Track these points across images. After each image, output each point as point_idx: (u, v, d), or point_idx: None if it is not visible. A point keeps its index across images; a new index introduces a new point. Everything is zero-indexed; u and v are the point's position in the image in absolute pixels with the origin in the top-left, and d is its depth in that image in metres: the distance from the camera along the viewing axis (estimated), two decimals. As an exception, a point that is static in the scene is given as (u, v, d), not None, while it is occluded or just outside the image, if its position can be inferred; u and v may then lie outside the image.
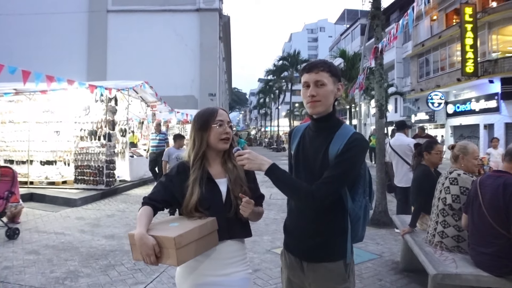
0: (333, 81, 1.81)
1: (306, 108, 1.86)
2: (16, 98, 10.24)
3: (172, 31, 23.48)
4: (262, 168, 1.76)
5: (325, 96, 1.79)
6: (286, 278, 2.02)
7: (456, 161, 3.50)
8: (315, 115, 1.85)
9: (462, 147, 3.49)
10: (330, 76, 1.79)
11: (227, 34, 33.71)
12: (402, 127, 6.69)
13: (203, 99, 23.19)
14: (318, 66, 1.80)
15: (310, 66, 1.82)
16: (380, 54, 7.21)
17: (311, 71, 1.80)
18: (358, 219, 1.83)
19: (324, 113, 1.83)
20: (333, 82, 1.81)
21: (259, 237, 5.76)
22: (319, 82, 1.78)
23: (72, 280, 4.16)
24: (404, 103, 31.15)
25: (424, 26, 27.45)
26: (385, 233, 6.25)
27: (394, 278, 4.26)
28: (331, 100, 1.82)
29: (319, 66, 1.80)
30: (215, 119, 1.92)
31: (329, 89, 1.79)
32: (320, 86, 1.79)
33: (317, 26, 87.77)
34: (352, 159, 1.73)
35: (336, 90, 1.83)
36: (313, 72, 1.79)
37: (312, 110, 1.83)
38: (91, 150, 9.59)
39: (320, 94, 1.78)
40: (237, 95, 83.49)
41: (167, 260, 1.67)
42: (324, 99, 1.79)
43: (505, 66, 19.48)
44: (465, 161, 3.44)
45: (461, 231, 3.29)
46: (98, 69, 22.67)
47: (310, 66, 1.82)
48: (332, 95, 1.82)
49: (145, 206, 1.82)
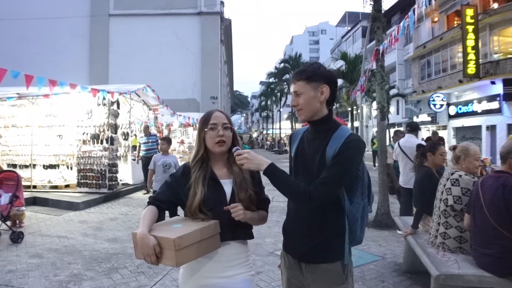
0: (312, 87, 1.82)
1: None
2: (19, 102, 10.30)
3: (174, 34, 23.52)
4: (260, 168, 1.78)
5: (305, 104, 1.83)
6: (286, 279, 2.03)
7: (458, 162, 3.51)
8: (301, 122, 1.92)
9: (463, 148, 3.50)
10: (306, 84, 1.82)
11: (228, 37, 33.76)
12: (415, 128, 6.67)
13: (205, 102, 23.21)
14: (295, 76, 1.86)
15: (293, 76, 1.89)
16: (381, 56, 7.22)
17: (292, 82, 1.88)
18: (356, 221, 1.84)
19: (314, 117, 1.86)
20: (313, 88, 1.82)
21: (262, 239, 5.77)
22: (296, 92, 1.85)
23: (75, 283, 4.18)
24: (406, 105, 31.12)
25: (425, 28, 27.45)
26: (388, 234, 6.25)
27: (396, 280, 4.26)
28: (315, 105, 1.84)
29: (296, 76, 1.86)
30: (208, 123, 1.95)
31: (309, 96, 1.82)
32: (298, 96, 1.85)
33: (319, 28, 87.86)
34: (349, 160, 1.74)
35: (319, 94, 1.83)
36: (293, 83, 1.87)
37: (299, 118, 1.90)
38: (93, 154, 9.61)
39: (300, 103, 1.84)
40: (238, 98, 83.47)
41: (166, 260, 1.69)
42: (305, 107, 1.84)
43: (507, 67, 19.45)
44: (466, 163, 3.45)
45: (463, 232, 3.29)
46: (100, 73, 22.71)
47: (293, 76, 1.90)
48: (315, 100, 1.83)
49: (150, 206, 1.84)
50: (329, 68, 1.90)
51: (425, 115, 27.41)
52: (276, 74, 44.24)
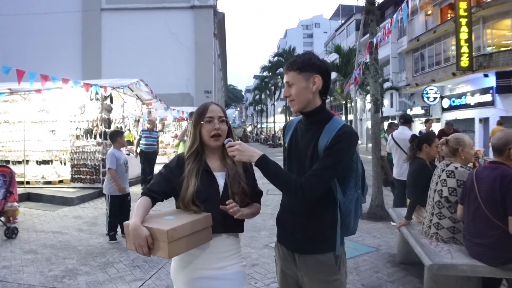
0: (304, 77, 1.81)
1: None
2: (11, 98, 10.19)
3: (167, 29, 23.35)
4: (252, 159, 1.78)
5: (297, 94, 1.83)
6: (280, 270, 2.05)
7: (455, 155, 3.50)
8: (295, 113, 1.90)
9: (459, 140, 3.49)
10: (298, 74, 1.81)
11: (222, 31, 33.60)
12: (408, 121, 6.70)
13: (198, 96, 23.12)
14: (287, 66, 1.85)
15: (285, 67, 1.88)
16: (375, 49, 7.23)
17: (285, 72, 1.87)
18: (349, 212, 1.84)
19: (307, 108, 1.85)
20: (305, 78, 1.81)
21: (257, 232, 5.79)
22: (288, 82, 1.84)
23: (70, 278, 4.18)
24: (399, 98, 31.20)
25: (419, 21, 27.47)
26: (382, 226, 6.30)
27: (391, 271, 4.30)
28: (307, 95, 1.83)
29: (288, 66, 1.85)
30: (204, 116, 1.94)
31: (300, 87, 1.81)
32: (291, 86, 1.83)
33: (312, 22, 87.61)
34: (341, 151, 1.74)
35: (311, 84, 1.81)
36: (285, 73, 1.87)
37: (292, 108, 1.89)
38: (87, 149, 9.56)
39: (292, 94, 1.84)
40: (232, 92, 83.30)
41: (159, 252, 1.69)
42: (296, 98, 1.83)
43: (500, 60, 19.54)
44: (465, 153, 3.46)
45: (456, 222, 3.32)
46: (93, 67, 22.53)
47: (285, 67, 1.88)
48: (307, 90, 1.82)
49: (144, 197, 1.83)
50: (322, 59, 1.88)
51: (418, 108, 27.51)
52: (270, 67, 44.16)
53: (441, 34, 24.00)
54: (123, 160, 5.63)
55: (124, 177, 5.67)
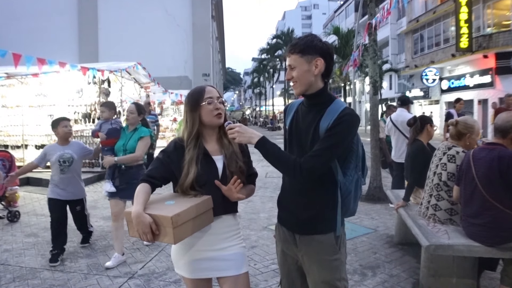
0: (306, 60, 1.80)
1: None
2: (7, 82, 10.11)
3: (164, 10, 23.05)
4: (252, 141, 1.79)
5: (299, 77, 1.82)
6: (280, 251, 2.07)
7: (460, 139, 3.47)
8: (297, 95, 1.90)
9: (468, 126, 3.43)
10: (300, 57, 1.80)
11: (219, 13, 33.23)
12: (406, 102, 6.67)
13: (196, 79, 22.98)
14: (290, 49, 1.84)
15: (287, 50, 1.87)
16: (374, 30, 7.16)
17: (287, 55, 1.87)
18: (349, 193, 1.86)
19: (310, 91, 1.85)
20: (307, 61, 1.80)
21: (256, 214, 5.83)
22: (290, 65, 1.84)
23: (72, 260, 4.22)
24: (398, 80, 31.09)
25: (418, 2, 27.17)
26: (380, 208, 6.35)
27: (388, 251, 4.35)
28: (309, 78, 1.82)
29: (290, 49, 1.84)
30: (204, 97, 1.94)
31: (303, 70, 1.81)
32: (293, 69, 1.83)
33: (311, 3, 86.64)
34: (341, 133, 1.74)
35: (313, 67, 1.80)
36: (287, 56, 1.86)
37: (294, 91, 1.89)
38: (85, 133, 9.55)
39: (294, 76, 1.83)
40: (231, 75, 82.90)
41: (164, 238, 1.70)
42: (299, 80, 1.83)
43: (500, 40, 19.40)
44: (470, 140, 3.43)
45: (454, 204, 3.34)
46: (90, 50, 22.30)
47: (287, 49, 1.88)
48: (309, 73, 1.81)
49: (143, 183, 1.83)
50: (325, 41, 1.87)
51: (417, 89, 27.45)
52: (269, 50, 43.84)
53: (441, 15, 23.78)
54: (57, 157, 4.25)
55: (60, 180, 4.30)
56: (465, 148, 3.41)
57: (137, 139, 4.08)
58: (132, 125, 4.22)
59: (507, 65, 19.00)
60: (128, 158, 4.03)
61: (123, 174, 4.09)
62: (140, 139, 4.08)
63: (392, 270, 3.83)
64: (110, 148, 4.31)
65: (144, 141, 4.10)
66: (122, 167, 4.10)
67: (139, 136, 4.09)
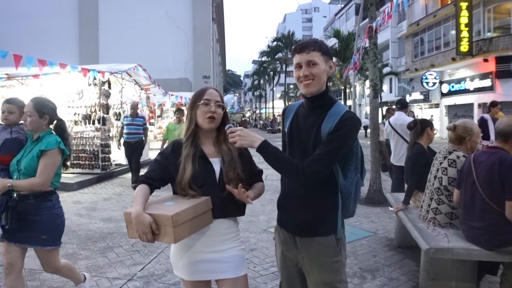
0: (324, 60, 1.81)
1: (300, 89, 1.87)
2: (8, 83, 10.12)
3: (164, 12, 23.09)
4: (253, 144, 1.78)
5: (318, 75, 1.80)
6: (280, 253, 2.06)
7: (461, 143, 3.46)
8: (309, 95, 1.86)
9: (468, 129, 3.43)
10: (321, 55, 1.80)
11: (220, 15, 33.27)
12: (405, 105, 6.68)
13: (197, 81, 22.99)
14: (309, 46, 1.81)
15: (301, 47, 1.82)
16: (374, 33, 7.17)
17: (303, 51, 1.81)
18: (349, 195, 1.87)
19: (318, 92, 1.85)
20: (325, 61, 1.82)
21: (255, 217, 5.82)
22: (311, 62, 1.79)
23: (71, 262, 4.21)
24: (399, 83, 31.15)
25: (419, 5, 27.24)
26: (380, 211, 6.34)
27: (388, 255, 4.34)
28: (324, 78, 1.84)
29: (310, 46, 1.80)
30: (201, 98, 1.95)
31: (322, 68, 1.81)
32: (312, 66, 1.80)
33: (311, 6, 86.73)
34: (344, 137, 1.75)
35: (328, 68, 1.84)
36: (304, 53, 1.80)
37: (306, 90, 1.84)
38: (85, 135, 9.56)
39: (313, 73, 1.80)
40: (231, 77, 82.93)
41: (164, 237, 1.70)
42: (317, 79, 1.81)
43: (500, 44, 19.45)
44: (471, 143, 3.43)
45: (454, 208, 3.34)
46: (91, 52, 22.32)
47: (301, 46, 1.83)
48: (325, 73, 1.83)
49: (142, 184, 1.84)
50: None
51: (418, 93, 27.49)
52: (269, 52, 43.83)
53: (441, 18, 23.83)
54: None
55: None
56: (466, 151, 3.40)
57: (35, 154, 2.69)
58: (35, 132, 2.87)
59: (507, 69, 19.04)
60: (25, 184, 2.66)
61: (15, 208, 2.65)
62: (42, 154, 2.69)
63: (391, 273, 3.83)
64: (4, 167, 2.91)
65: (49, 159, 2.70)
66: (14, 196, 2.66)
67: (39, 150, 2.70)
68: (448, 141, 3.70)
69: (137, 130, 8.67)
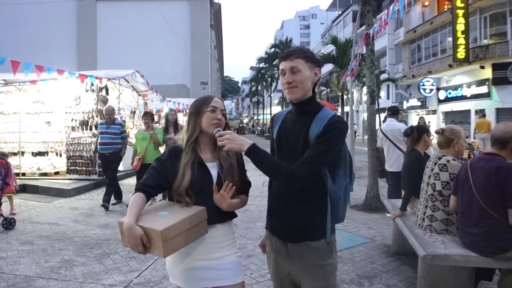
0: (308, 67, 1.85)
1: (286, 95, 1.91)
2: (5, 89, 10.14)
3: (163, 19, 23.19)
4: (242, 148, 1.79)
5: (301, 81, 1.84)
6: (273, 261, 2.05)
7: (449, 146, 3.51)
8: (294, 101, 1.90)
9: (455, 132, 3.50)
10: (305, 62, 1.84)
11: (218, 22, 33.41)
12: (396, 112, 6.72)
13: (195, 88, 23.06)
14: (293, 53, 1.86)
15: (286, 54, 1.88)
16: (371, 40, 7.21)
17: (287, 58, 1.86)
18: (338, 199, 1.87)
19: (304, 97, 1.88)
20: (309, 68, 1.85)
21: (253, 223, 5.81)
22: (294, 68, 1.84)
23: (67, 269, 4.19)
24: (396, 90, 31.24)
25: (415, 12, 27.39)
26: (377, 217, 6.34)
27: (385, 261, 4.33)
28: (309, 85, 1.87)
29: (294, 54, 1.85)
30: (208, 105, 1.97)
31: (305, 75, 1.84)
32: (296, 73, 1.84)
33: (309, 13, 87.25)
34: (331, 140, 1.77)
35: (313, 75, 1.87)
36: (288, 60, 1.85)
37: (290, 96, 1.88)
38: (82, 140, 9.54)
39: (296, 80, 1.84)
40: (229, 83, 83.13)
41: (154, 251, 1.70)
42: (300, 85, 1.84)
43: (496, 51, 19.54)
44: (458, 145, 3.48)
45: (450, 215, 3.34)
46: (88, 58, 22.38)
47: (286, 54, 1.88)
48: (309, 80, 1.86)
49: (138, 192, 1.83)
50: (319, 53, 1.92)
51: (415, 99, 27.55)
52: (267, 59, 44.03)
53: (438, 25, 23.96)
54: None
55: None
56: (455, 154, 3.46)
57: None
58: None
59: (504, 75, 19.11)
60: None
61: None
62: None
63: (389, 280, 3.82)
64: None
65: None
66: None
67: None
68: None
69: (113, 139, 7.25)
